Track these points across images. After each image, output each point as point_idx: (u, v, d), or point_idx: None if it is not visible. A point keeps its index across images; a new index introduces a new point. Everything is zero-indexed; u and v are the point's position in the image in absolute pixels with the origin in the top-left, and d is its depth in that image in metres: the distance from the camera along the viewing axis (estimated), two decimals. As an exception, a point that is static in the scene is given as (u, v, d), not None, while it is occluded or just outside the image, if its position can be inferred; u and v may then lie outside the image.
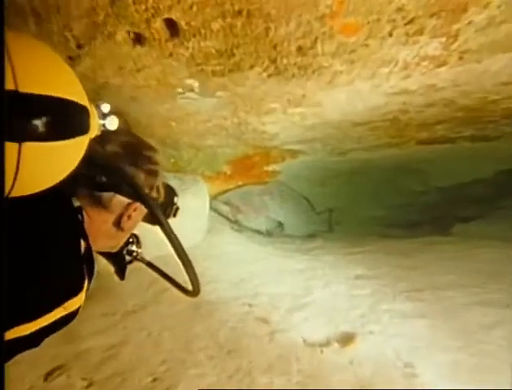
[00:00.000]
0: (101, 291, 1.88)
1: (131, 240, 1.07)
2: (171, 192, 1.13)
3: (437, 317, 1.95)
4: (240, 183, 4.29)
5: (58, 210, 0.71)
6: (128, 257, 1.07)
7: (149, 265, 1.14)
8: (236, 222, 3.77)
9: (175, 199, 1.13)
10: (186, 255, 0.96)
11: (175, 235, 0.87)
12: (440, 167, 4.16)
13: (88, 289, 0.73)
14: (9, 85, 0.47)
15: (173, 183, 2.67)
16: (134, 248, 1.07)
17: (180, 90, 1.58)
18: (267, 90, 1.61)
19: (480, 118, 2.76)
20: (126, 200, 0.83)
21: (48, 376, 1.28)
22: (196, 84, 1.51)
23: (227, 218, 3.72)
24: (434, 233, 3.99)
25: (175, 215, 1.12)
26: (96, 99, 0.62)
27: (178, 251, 0.91)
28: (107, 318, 1.70)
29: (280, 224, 4.02)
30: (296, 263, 2.79)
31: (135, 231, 1.11)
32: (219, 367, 1.44)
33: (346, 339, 1.72)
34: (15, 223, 0.58)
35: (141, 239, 1.46)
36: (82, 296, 0.69)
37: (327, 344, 1.68)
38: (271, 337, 1.70)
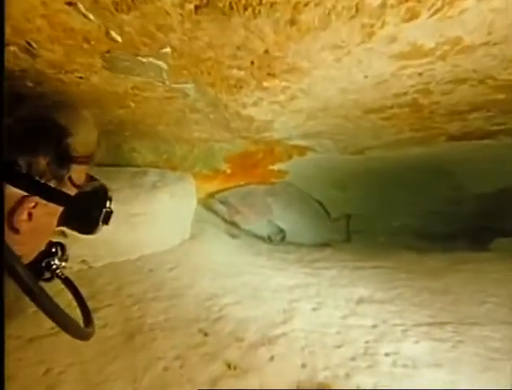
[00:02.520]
0: (17, 307, 1.49)
1: (53, 250, 0.89)
2: (100, 192, 0.94)
3: (461, 369, 1.39)
4: (241, 183, 3.85)
5: None
6: (46, 273, 0.89)
7: (67, 283, 0.96)
8: (232, 224, 3.32)
9: (107, 203, 0.93)
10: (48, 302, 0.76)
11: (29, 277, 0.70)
12: (478, 169, 3.47)
13: None
14: None
15: (148, 179, 2.25)
16: (56, 261, 0.89)
17: (99, 46, 1.17)
18: (211, 42, 1.16)
19: (530, 103, 2.14)
20: (19, 192, 0.68)
21: None
22: (112, 33, 1.09)
23: (223, 219, 3.28)
24: (469, 248, 3.33)
25: (106, 222, 0.93)
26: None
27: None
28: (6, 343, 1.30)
29: (283, 231, 3.51)
30: (287, 278, 2.29)
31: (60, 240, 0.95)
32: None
33: (321, 395, 1.21)
34: None
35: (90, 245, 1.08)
36: None
37: (291, 401, 1.18)
38: (213, 387, 1.23)
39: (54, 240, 0.96)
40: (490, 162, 3.32)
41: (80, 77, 1.48)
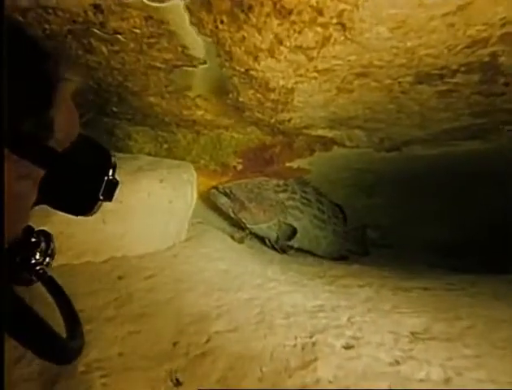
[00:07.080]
0: None
1: (33, 239, 0.61)
2: (99, 150, 0.64)
3: None
4: (253, 181, 3.27)
5: None
6: (24, 274, 0.60)
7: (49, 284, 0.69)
8: (237, 221, 2.71)
9: (110, 170, 0.62)
10: None
11: None
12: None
13: None
14: None
15: (135, 162, 1.65)
16: (37, 256, 0.61)
17: None
18: None
19: None
20: None
21: None
22: None
23: (227, 214, 2.68)
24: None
25: (109, 197, 0.62)
26: None
27: None
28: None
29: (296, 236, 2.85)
30: (308, 298, 1.68)
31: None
32: None
33: None
34: None
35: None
36: None
37: None
38: None
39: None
40: None
41: None
